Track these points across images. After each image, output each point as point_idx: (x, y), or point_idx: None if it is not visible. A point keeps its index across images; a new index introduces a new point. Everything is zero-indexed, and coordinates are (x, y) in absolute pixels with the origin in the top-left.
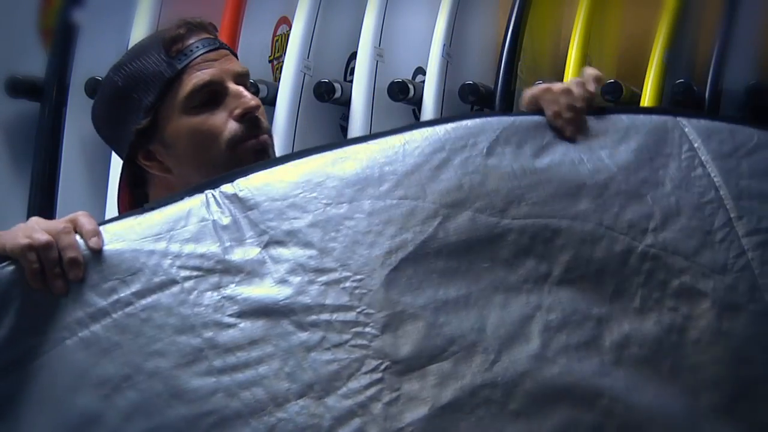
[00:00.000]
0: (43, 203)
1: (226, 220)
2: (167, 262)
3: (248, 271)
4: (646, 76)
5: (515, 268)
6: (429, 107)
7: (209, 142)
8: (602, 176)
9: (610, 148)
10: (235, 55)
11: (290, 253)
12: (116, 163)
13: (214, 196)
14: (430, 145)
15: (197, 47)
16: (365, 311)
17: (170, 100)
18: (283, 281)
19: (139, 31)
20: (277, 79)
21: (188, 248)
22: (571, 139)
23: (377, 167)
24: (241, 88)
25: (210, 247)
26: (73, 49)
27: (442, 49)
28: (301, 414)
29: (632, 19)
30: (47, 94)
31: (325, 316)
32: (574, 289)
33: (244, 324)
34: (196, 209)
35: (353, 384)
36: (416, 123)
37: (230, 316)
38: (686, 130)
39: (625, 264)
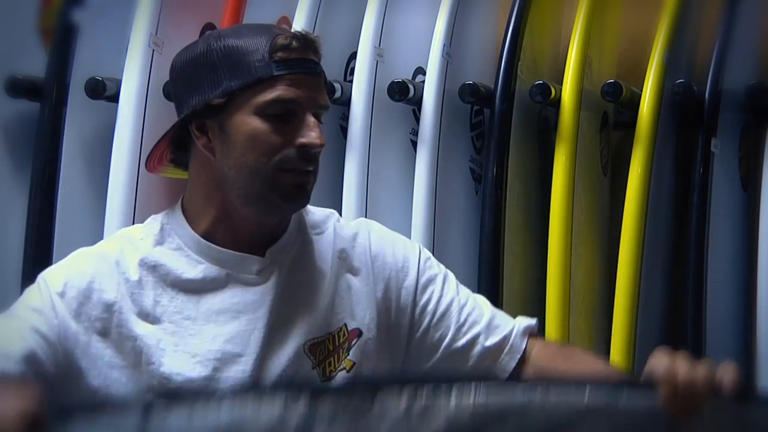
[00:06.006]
0: (43, 203)
1: None
2: None
3: None
4: (646, 76)
5: None
6: (429, 107)
7: (261, 151)
8: None
9: None
10: (326, 86)
11: None
12: (116, 163)
13: None
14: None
15: (300, 64)
16: None
17: (251, 95)
18: None
19: (139, 31)
20: None
21: None
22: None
23: None
24: (314, 122)
25: None
26: (73, 49)
27: (442, 49)
28: None
29: (632, 19)
30: (47, 94)
31: None
32: None
33: None
34: None
35: None
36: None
37: None
38: None
39: None
